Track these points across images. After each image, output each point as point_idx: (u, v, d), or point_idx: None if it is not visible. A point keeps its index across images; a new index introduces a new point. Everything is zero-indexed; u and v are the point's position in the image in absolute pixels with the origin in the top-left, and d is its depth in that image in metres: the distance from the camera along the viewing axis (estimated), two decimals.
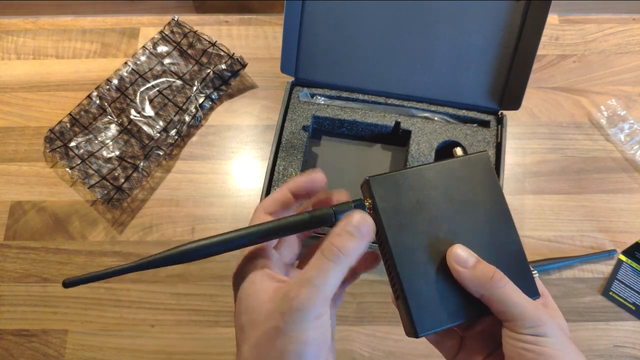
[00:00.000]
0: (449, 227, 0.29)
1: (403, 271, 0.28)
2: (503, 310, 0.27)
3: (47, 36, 0.70)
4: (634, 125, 0.62)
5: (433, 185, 0.30)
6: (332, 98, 0.60)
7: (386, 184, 0.29)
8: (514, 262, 0.30)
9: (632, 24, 0.70)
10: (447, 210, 0.30)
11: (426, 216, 0.29)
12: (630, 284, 0.55)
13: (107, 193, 0.57)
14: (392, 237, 0.28)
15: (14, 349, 0.53)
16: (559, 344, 0.26)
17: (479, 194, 0.30)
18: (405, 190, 0.29)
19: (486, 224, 0.30)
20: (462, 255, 0.28)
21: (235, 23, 0.70)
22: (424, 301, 0.27)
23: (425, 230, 0.29)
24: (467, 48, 0.57)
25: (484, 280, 0.27)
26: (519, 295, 0.27)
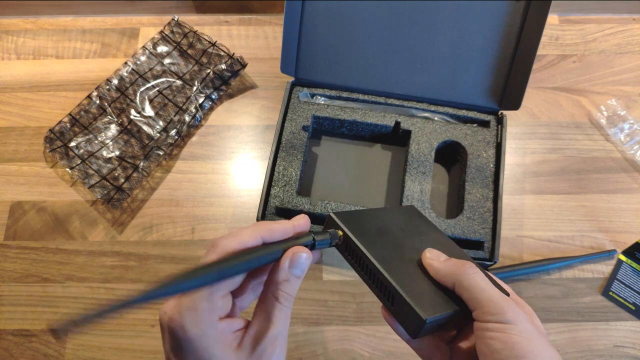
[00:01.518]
0: (412, 245, 0.33)
1: (391, 275, 0.30)
2: (471, 296, 0.28)
3: (47, 36, 0.70)
4: (634, 125, 0.62)
5: (385, 220, 0.35)
6: (332, 98, 0.60)
7: (348, 218, 0.33)
8: None
9: (632, 24, 0.70)
10: (403, 235, 0.35)
11: (390, 238, 0.33)
12: (630, 284, 0.55)
13: (107, 193, 0.57)
14: (371, 252, 0.31)
15: (14, 349, 0.53)
16: (525, 331, 0.26)
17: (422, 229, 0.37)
18: (366, 222, 0.34)
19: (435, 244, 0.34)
20: (435, 253, 0.32)
21: (235, 23, 0.70)
22: (419, 295, 0.29)
23: (394, 247, 0.33)
24: (467, 48, 0.57)
25: (454, 269, 0.29)
26: (487, 283, 0.28)
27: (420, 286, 0.30)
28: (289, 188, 0.54)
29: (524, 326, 0.27)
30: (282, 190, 0.54)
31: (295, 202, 0.53)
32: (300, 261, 0.28)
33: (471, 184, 0.54)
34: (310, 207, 0.53)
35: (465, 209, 0.53)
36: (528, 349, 0.26)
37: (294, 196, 0.53)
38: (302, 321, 0.53)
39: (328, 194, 0.58)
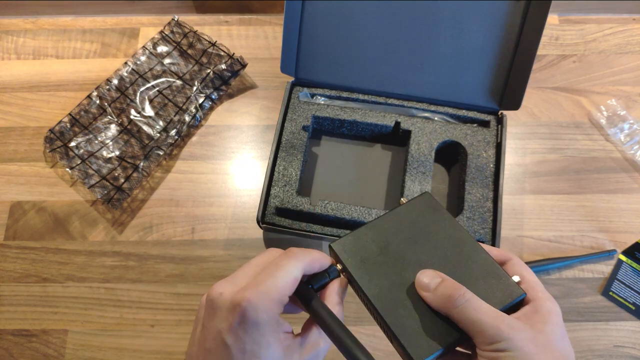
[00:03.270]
0: (415, 260, 0.32)
1: (386, 314, 0.30)
2: (466, 328, 0.28)
3: (47, 36, 0.70)
4: (633, 125, 0.62)
5: (390, 231, 0.34)
6: (332, 98, 0.60)
7: (348, 245, 0.33)
8: (485, 272, 0.31)
9: (632, 24, 0.70)
10: (409, 247, 0.33)
11: (392, 258, 0.32)
12: (630, 284, 0.55)
13: (107, 193, 0.57)
14: (368, 289, 0.31)
15: (14, 349, 0.53)
16: (522, 356, 0.26)
17: (433, 226, 0.34)
18: (367, 243, 0.33)
19: (448, 247, 0.33)
20: (425, 281, 0.30)
21: (235, 23, 0.70)
22: (413, 333, 0.29)
23: (395, 271, 0.32)
24: (467, 48, 0.57)
25: (444, 300, 0.29)
26: (479, 312, 0.27)
27: (416, 319, 0.29)
28: (289, 188, 0.54)
29: (521, 350, 0.26)
30: (282, 190, 0.54)
31: (295, 202, 0.53)
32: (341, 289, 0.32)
33: (471, 184, 0.54)
34: (310, 207, 0.53)
35: (465, 209, 0.53)
36: None
37: (294, 196, 0.53)
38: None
39: (328, 194, 0.58)
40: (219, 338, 0.27)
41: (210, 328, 0.27)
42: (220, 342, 0.27)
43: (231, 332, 0.26)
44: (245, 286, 0.27)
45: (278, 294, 0.27)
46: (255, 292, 0.27)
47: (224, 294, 0.27)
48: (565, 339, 0.28)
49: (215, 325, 0.27)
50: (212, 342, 0.27)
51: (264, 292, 0.27)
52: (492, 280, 0.30)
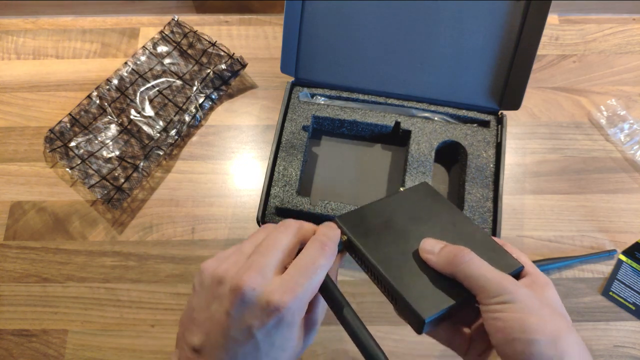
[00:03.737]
0: (417, 234, 0.34)
1: (391, 275, 0.31)
2: (471, 284, 0.29)
3: (47, 36, 0.70)
4: (633, 125, 0.62)
5: (392, 211, 0.35)
6: (332, 98, 0.60)
7: (352, 219, 0.34)
8: (484, 246, 0.33)
9: (632, 24, 0.70)
10: (410, 224, 0.35)
11: (394, 231, 0.34)
12: (630, 284, 0.55)
13: (107, 193, 0.57)
14: (372, 254, 0.32)
15: (14, 349, 0.53)
16: (526, 308, 0.27)
17: (433, 208, 0.36)
18: (370, 218, 0.35)
19: (448, 226, 0.35)
20: (430, 244, 0.32)
21: (235, 23, 0.70)
22: (419, 293, 0.30)
23: (397, 241, 0.33)
24: (467, 48, 0.57)
25: (449, 260, 0.30)
26: (482, 268, 0.29)
27: (421, 282, 0.31)
28: (289, 188, 0.54)
29: (525, 302, 0.27)
30: (282, 190, 0.54)
31: (295, 202, 0.53)
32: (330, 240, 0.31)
33: (471, 184, 0.54)
34: (310, 207, 0.53)
35: (465, 209, 0.53)
36: (529, 323, 0.26)
37: (294, 196, 0.53)
38: None
39: (328, 194, 0.58)
40: (249, 332, 0.27)
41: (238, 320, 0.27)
42: (249, 335, 0.27)
43: (264, 329, 0.27)
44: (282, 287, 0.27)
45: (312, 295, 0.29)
46: (293, 297, 0.27)
47: (257, 290, 0.27)
48: (562, 305, 0.30)
49: (246, 320, 0.27)
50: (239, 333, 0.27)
51: (301, 298, 0.27)
52: (492, 254, 0.32)
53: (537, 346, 0.26)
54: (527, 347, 0.26)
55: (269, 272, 0.28)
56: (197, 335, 0.28)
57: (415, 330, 0.30)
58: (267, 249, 0.29)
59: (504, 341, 0.27)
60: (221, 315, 0.27)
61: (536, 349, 0.26)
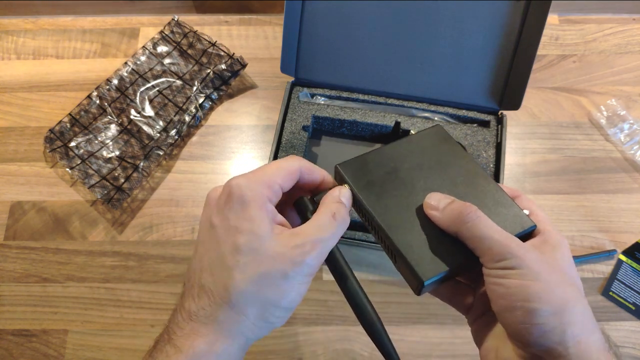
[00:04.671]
0: (424, 186, 0.31)
1: (392, 232, 0.29)
2: (474, 245, 0.27)
3: (47, 36, 0.70)
4: (633, 125, 0.62)
5: (398, 157, 0.33)
6: (332, 98, 0.60)
7: (355, 166, 0.32)
8: (496, 202, 0.31)
9: (632, 24, 0.70)
10: (418, 173, 0.32)
11: (399, 183, 0.31)
12: (630, 284, 0.55)
13: (107, 193, 0.57)
14: (373, 207, 0.30)
15: (14, 349, 0.53)
16: (531, 274, 0.25)
17: (444, 155, 0.33)
18: (374, 166, 0.32)
19: (459, 177, 0.32)
20: (435, 199, 0.29)
21: (235, 23, 0.70)
22: (420, 253, 0.28)
23: (402, 194, 0.31)
24: (467, 48, 0.57)
25: (453, 218, 0.28)
26: (489, 229, 0.27)
27: (423, 240, 0.29)
28: None
29: (531, 268, 0.25)
30: None
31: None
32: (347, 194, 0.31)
33: None
34: None
35: None
36: (533, 291, 0.25)
37: None
38: (302, 321, 0.53)
39: None
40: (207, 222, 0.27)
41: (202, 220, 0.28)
42: (208, 225, 0.27)
43: (217, 212, 0.27)
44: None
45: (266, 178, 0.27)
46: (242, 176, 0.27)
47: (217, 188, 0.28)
48: (574, 268, 0.28)
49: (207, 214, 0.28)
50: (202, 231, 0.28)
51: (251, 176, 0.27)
52: (503, 210, 0.30)
53: (539, 316, 0.24)
54: (529, 317, 0.25)
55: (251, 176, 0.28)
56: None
57: (414, 291, 0.29)
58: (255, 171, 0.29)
59: (506, 308, 0.26)
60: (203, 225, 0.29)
61: (538, 319, 0.24)
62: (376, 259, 0.56)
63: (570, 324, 0.25)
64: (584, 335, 0.25)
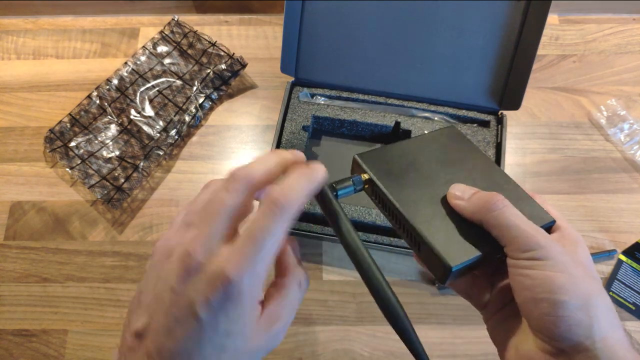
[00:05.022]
0: (443, 179, 0.31)
1: (416, 220, 0.29)
2: (501, 234, 0.27)
3: (47, 36, 0.70)
4: (633, 125, 0.62)
5: (416, 153, 0.33)
6: (332, 98, 0.60)
7: (373, 157, 0.32)
8: (516, 197, 0.31)
9: (632, 24, 0.70)
10: (436, 168, 0.32)
11: (419, 175, 0.31)
12: (630, 284, 0.55)
13: (107, 193, 0.57)
14: (395, 196, 0.30)
15: (14, 349, 0.53)
16: (558, 265, 0.25)
17: (461, 153, 0.33)
18: (393, 159, 0.32)
19: (477, 174, 0.32)
20: (460, 189, 0.29)
21: (235, 23, 0.70)
22: (446, 240, 0.28)
23: (423, 185, 0.31)
24: (467, 48, 0.57)
25: (480, 206, 0.28)
26: (517, 218, 0.26)
27: (448, 228, 0.29)
28: None
29: (557, 260, 0.25)
30: None
31: None
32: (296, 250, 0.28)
33: None
34: (310, 207, 0.53)
35: None
36: (559, 283, 0.24)
37: None
38: (302, 321, 0.53)
39: None
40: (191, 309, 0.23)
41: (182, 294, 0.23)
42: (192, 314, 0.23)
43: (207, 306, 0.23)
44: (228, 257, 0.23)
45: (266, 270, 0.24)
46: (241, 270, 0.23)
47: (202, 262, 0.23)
48: (594, 266, 0.28)
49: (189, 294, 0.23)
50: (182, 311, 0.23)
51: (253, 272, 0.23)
52: (523, 204, 0.30)
53: (566, 309, 0.24)
54: (555, 309, 0.24)
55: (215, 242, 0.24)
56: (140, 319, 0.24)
57: (439, 279, 0.28)
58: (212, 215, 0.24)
59: (531, 300, 0.25)
60: (165, 292, 0.24)
61: (565, 311, 0.24)
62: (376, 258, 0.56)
63: (596, 319, 0.24)
64: (611, 331, 0.25)
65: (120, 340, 0.26)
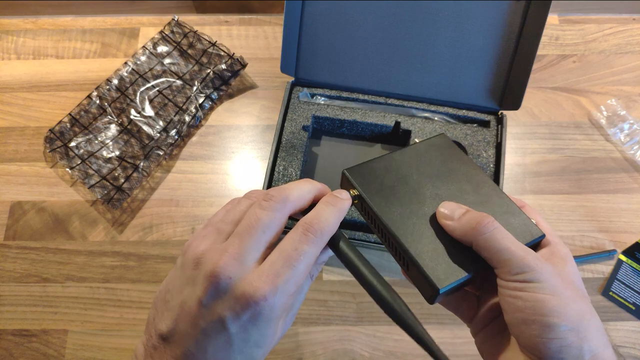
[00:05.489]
0: (433, 194, 0.31)
1: (405, 240, 0.29)
2: (491, 257, 0.27)
3: (47, 36, 0.70)
4: (633, 125, 0.62)
5: (406, 165, 0.32)
6: (332, 98, 0.60)
7: (362, 172, 0.32)
8: (505, 211, 0.31)
9: (632, 24, 0.70)
10: (426, 182, 0.32)
11: (408, 190, 0.31)
12: (630, 284, 0.55)
13: (107, 193, 0.57)
14: (384, 214, 0.30)
15: (14, 349, 0.53)
16: (549, 288, 0.25)
17: (450, 164, 0.33)
18: (382, 173, 0.32)
19: (466, 186, 0.32)
20: (449, 208, 0.29)
21: (235, 23, 0.70)
22: (434, 260, 0.28)
23: (412, 201, 0.30)
24: (467, 48, 0.57)
25: (470, 228, 0.27)
26: (507, 240, 0.27)
27: (436, 247, 0.28)
28: None
29: (548, 282, 0.25)
30: None
31: None
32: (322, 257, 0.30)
33: None
34: None
35: None
36: (551, 306, 0.25)
37: None
38: (302, 321, 0.53)
39: None
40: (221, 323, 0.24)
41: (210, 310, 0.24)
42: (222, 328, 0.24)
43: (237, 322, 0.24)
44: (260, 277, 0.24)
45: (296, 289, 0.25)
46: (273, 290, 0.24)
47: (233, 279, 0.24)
48: (582, 282, 0.28)
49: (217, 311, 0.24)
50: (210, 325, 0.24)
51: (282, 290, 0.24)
52: (512, 218, 0.30)
53: (557, 331, 0.25)
54: (547, 331, 0.25)
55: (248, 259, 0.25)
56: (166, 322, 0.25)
57: (427, 300, 0.28)
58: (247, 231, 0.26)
59: (522, 322, 0.26)
60: (193, 303, 0.25)
61: (556, 334, 0.25)
62: (376, 258, 0.56)
63: (586, 339, 0.25)
64: (600, 349, 0.25)
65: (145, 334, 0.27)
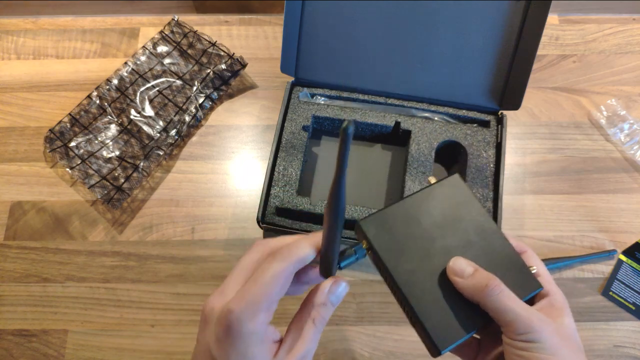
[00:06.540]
0: (443, 246, 0.32)
1: (412, 297, 0.30)
2: (497, 317, 0.29)
3: (47, 36, 0.70)
4: (633, 125, 0.62)
5: (418, 213, 0.33)
6: (332, 98, 0.60)
7: (376, 223, 0.32)
8: (508, 263, 0.32)
9: (632, 24, 0.70)
10: (437, 231, 0.33)
11: (420, 242, 0.32)
12: (630, 284, 0.55)
13: (107, 193, 0.57)
14: (394, 270, 0.31)
15: (14, 349, 0.53)
16: (550, 349, 0.28)
17: (460, 211, 0.34)
18: (394, 223, 0.33)
19: (475, 236, 0.33)
20: (460, 266, 0.31)
21: (235, 23, 0.70)
22: (438, 319, 0.30)
23: (422, 254, 0.32)
24: (467, 48, 0.57)
25: (479, 289, 0.29)
26: (513, 302, 0.29)
27: (442, 304, 0.30)
28: (289, 188, 0.54)
29: (549, 343, 0.28)
30: (282, 190, 0.54)
31: (295, 202, 0.53)
32: (339, 290, 0.31)
33: (471, 184, 0.54)
34: (311, 207, 0.53)
35: None
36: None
37: (294, 196, 0.53)
38: None
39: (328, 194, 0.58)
40: (207, 351, 0.27)
41: (201, 342, 0.28)
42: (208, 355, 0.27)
43: (218, 344, 0.27)
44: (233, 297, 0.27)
45: (266, 301, 0.27)
46: (239, 302, 0.27)
47: (215, 308, 0.27)
48: (576, 331, 0.31)
49: (205, 339, 0.28)
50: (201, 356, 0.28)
51: (250, 301, 0.27)
52: (514, 272, 0.32)
53: None
54: None
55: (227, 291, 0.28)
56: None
57: (430, 354, 0.30)
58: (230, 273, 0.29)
59: None
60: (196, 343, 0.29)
61: None
62: None
63: None
64: None
65: None
